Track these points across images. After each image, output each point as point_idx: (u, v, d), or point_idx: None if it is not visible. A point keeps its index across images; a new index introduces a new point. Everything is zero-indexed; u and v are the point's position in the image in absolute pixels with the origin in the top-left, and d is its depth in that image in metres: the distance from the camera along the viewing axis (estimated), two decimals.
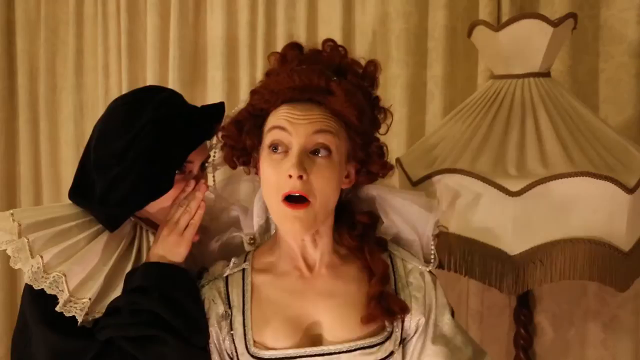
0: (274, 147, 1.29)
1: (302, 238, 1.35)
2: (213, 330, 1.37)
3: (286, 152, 1.28)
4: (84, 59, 2.93)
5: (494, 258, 1.50)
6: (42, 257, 1.38)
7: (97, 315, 1.38)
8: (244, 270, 1.40)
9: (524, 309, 1.89)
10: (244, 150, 1.38)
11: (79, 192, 1.48)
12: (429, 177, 1.55)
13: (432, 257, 1.42)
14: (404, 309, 1.35)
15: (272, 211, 1.34)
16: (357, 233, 1.40)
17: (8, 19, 3.08)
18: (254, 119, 1.36)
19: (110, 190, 1.40)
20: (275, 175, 1.28)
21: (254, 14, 2.53)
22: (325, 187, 1.28)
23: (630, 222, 1.49)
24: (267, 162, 1.30)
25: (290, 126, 1.27)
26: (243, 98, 2.58)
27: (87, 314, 1.37)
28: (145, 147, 1.37)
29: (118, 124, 1.41)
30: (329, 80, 1.28)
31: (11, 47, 3.09)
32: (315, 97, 1.29)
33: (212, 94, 2.63)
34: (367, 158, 1.37)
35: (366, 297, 1.34)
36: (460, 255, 1.54)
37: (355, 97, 1.30)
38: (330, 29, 2.38)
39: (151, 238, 1.47)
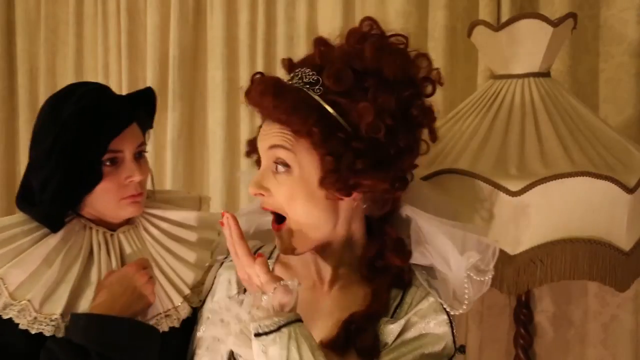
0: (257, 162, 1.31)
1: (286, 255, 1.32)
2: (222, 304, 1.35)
3: None
4: (84, 59, 2.94)
5: None
6: None
7: (44, 321, 1.36)
8: None
9: (524, 309, 1.89)
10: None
11: (22, 198, 1.49)
12: (428, 177, 1.55)
13: (465, 302, 1.28)
14: (369, 353, 1.22)
15: None
16: (378, 266, 1.30)
17: (8, 19, 3.08)
18: None
19: (44, 190, 1.40)
20: None
21: (254, 14, 2.53)
22: (290, 204, 1.24)
23: (631, 222, 1.49)
24: None
25: (258, 143, 1.28)
26: (243, 98, 2.60)
27: (35, 319, 1.36)
28: (68, 141, 1.37)
29: (44, 123, 1.43)
30: (260, 97, 1.23)
31: (11, 47, 3.09)
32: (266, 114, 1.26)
33: (212, 94, 2.63)
34: (322, 172, 1.23)
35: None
36: None
37: (291, 107, 1.20)
38: (330, 28, 2.38)
39: (101, 236, 1.47)
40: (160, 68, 2.69)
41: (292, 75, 1.26)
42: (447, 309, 1.27)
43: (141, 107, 1.51)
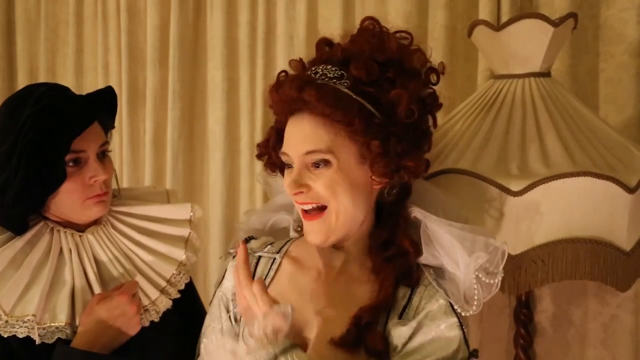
0: (287, 165, 1.33)
1: (319, 246, 1.34)
2: (227, 297, 1.41)
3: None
4: (84, 59, 2.93)
5: None
6: None
7: (16, 323, 1.36)
8: (274, 258, 1.42)
9: (524, 309, 1.89)
10: (274, 164, 1.41)
11: None
12: (430, 176, 1.55)
13: (475, 303, 1.30)
14: (374, 352, 1.25)
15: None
16: (387, 255, 1.33)
17: (8, 19, 3.07)
18: (277, 134, 1.36)
19: (4, 192, 1.39)
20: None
21: (254, 14, 2.53)
22: (333, 195, 1.27)
23: (632, 222, 1.49)
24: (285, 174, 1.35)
25: (286, 148, 1.30)
26: (243, 98, 2.60)
27: (6, 322, 1.36)
28: (28, 142, 1.36)
29: (2, 125, 1.42)
30: (299, 91, 1.25)
31: (11, 47, 3.08)
32: (303, 108, 1.27)
33: (212, 94, 2.63)
34: (371, 159, 1.28)
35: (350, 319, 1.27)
36: None
37: (328, 96, 1.24)
38: (330, 28, 2.38)
39: (70, 239, 1.47)
40: (160, 68, 2.69)
41: (310, 72, 1.29)
42: (458, 310, 1.29)
43: (102, 106, 1.49)
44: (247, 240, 1.47)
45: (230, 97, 2.58)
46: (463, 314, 1.29)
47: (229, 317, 1.40)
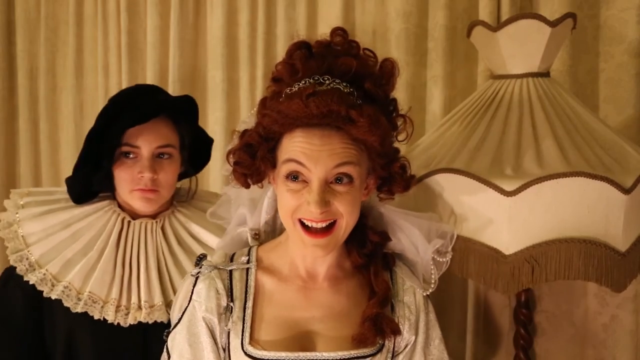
0: (292, 177, 1.26)
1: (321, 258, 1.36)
2: (214, 320, 1.34)
3: (305, 181, 1.25)
4: (84, 59, 2.94)
5: (489, 257, 1.50)
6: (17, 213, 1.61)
7: (55, 283, 1.52)
8: (248, 269, 1.40)
9: (524, 309, 1.89)
10: (258, 174, 1.33)
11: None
12: (425, 176, 1.55)
13: (433, 281, 1.45)
14: (396, 331, 1.35)
15: (290, 232, 1.32)
16: (367, 252, 1.40)
17: (8, 19, 3.08)
18: (266, 142, 1.29)
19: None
20: (294, 202, 1.26)
21: (254, 14, 2.53)
22: (349, 211, 1.27)
23: (627, 223, 1.48)
24: (284, 188, 1.27)
25: (307, 161, 1.22)
26: (243, 98, 2.59)
27: (42, 279, 1.52)
28: (93, 129, 1.54)
29: None
30: (349, 109, 1.19)
31: (11, 47, 3.09)
32: (335, 124, 1.21)
33: (212, 94, 2.63)
34: (389, 178, 1.35)
35: (361, 316, 1.34)
36: (456, 254, 1.53)
37: (378, 122, 1.22)
38: (330, 28, 2.37)
39: (118, 220, 1.61)
40: (160, 68, 2.69)
41: (313, 81, 1.24)
42: (423, 293, 1.43)
43: (165, 109, 1.57)
44: (201, 258, 1.42)
45: (230, 97, 2.58)
46: (424, 294, 1.44)
47: (217, 348, 1.34)
